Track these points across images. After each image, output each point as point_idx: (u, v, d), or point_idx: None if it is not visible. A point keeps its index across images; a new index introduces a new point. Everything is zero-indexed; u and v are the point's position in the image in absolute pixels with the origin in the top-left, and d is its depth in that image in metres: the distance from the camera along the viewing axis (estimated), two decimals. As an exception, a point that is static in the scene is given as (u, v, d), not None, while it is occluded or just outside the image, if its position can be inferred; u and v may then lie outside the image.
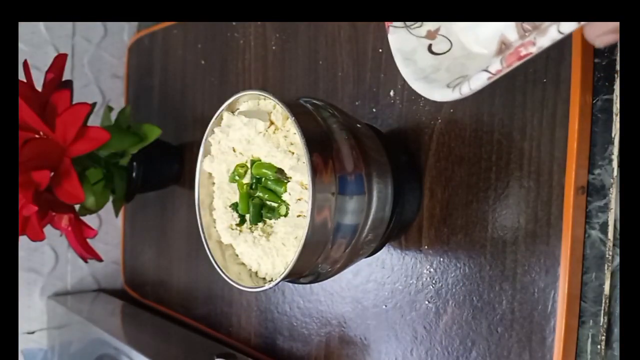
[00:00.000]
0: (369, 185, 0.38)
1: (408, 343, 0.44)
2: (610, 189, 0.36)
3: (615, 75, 0.36)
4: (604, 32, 0.25)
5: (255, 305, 0.59)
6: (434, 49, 0.35)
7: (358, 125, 0.40)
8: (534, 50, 0.27)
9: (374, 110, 0.47)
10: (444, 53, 0.35)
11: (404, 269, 0.45)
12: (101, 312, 0.77)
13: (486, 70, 0.29)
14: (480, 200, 0.40)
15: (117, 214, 0.67)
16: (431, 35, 0.36)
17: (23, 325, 0.78)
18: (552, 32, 0.26)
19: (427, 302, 0.43)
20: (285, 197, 0.38)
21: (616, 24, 0.24)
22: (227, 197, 0.42)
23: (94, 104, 0.57)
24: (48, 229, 0.58)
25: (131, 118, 0.66)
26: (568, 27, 0.25)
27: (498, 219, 0.39)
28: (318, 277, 0.40)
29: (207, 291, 0.66)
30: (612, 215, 0.36)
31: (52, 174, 0.54)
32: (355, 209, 0.37)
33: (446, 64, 0.34)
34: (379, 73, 0.47)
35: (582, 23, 0.25)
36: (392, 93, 0.46)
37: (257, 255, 0.40)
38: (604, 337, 0.37)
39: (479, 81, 0.30)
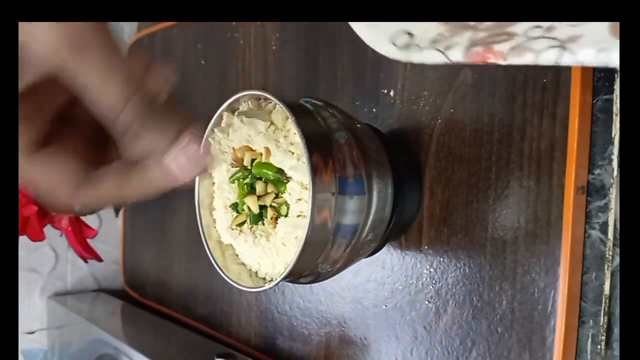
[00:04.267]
0: (369, 185, 0.38)
1: (408, 343, 0.44)
2: (610, 189, 0.36)
3: (615, 75, 0.36)
4: None
5: (255, 305, 0.59)
6: None
7: (358, 125, 0.40)
8: (502, 63, 0.26)
9: (374, 110, 0.47)
10: None
11: (404, 269, 0.45)
12: (101, 312, 0.77)
13: (443, 53, 0.27)
14: (480, 200, 0.40)
15: (117, 214, 0.67)
16: None
17: (23, 325, 0.78)
18: (527, 58, 0.25)
19: (427, 302, 0.43)
20: (285, 197, 0.38)
21: None
22: (227, 197, 0.42)
23: (94, 104, 0.57)
24: (48, 229, 0.58)
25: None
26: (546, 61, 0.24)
27: (498, 219, 0.39)
28: (318, 277, 0.40)
29: (207, 291, 0.65)
30: (612, 215, 0.36)
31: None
32: (355, 209, 0.37)
33: None
34: (379, 73, 0.47)
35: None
36: (392, 93, 0.46)
37: (257, 255, 0.40)
38: (604, 337, 0.37)
39: (431, 58, 0.28)
